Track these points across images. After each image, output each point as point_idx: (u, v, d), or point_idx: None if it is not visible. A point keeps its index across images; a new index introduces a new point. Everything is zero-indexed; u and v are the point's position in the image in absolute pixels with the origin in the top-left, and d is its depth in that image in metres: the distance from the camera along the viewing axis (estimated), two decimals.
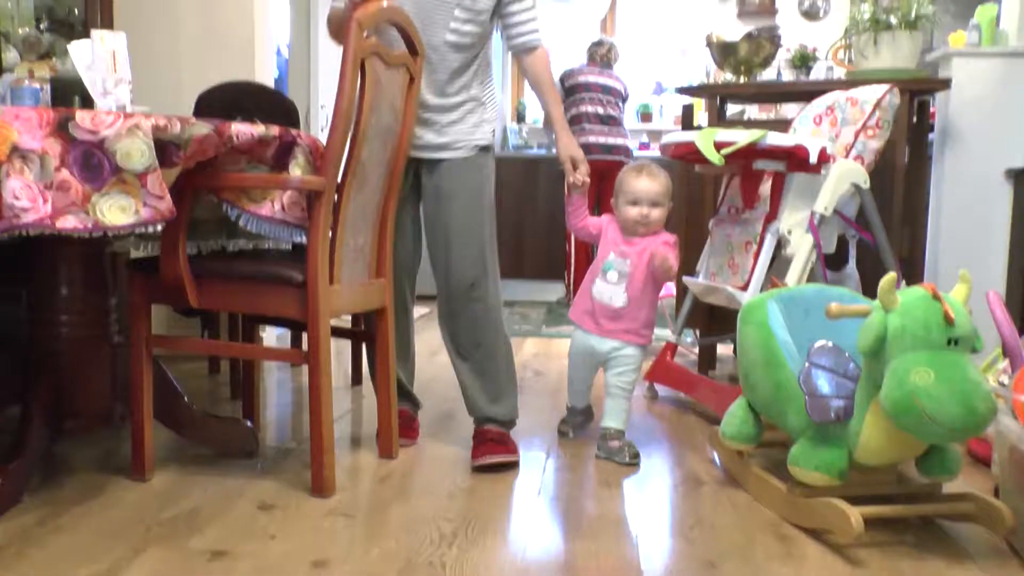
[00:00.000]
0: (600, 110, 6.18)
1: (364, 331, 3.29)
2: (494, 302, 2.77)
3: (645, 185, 2.78)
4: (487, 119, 2.82)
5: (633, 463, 2.72)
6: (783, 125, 3.60)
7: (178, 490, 2.39)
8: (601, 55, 6.41)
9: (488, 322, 2.76)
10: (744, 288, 3.07)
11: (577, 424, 3.05)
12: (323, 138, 2.44)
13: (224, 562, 1.93)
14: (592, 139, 6.03)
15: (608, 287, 2.81)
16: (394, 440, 2.72)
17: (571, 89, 6.16)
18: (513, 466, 2.65)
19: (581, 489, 2.52)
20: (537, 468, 2.67)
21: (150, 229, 2.05)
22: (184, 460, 2.63)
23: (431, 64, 2.68)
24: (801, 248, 3.02)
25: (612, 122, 6.20)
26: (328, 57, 5.83)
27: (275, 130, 2.34)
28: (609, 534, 2.18)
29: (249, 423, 2.76)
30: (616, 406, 2.83)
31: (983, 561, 2.03)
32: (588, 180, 2.80)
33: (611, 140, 6.13)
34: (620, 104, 6.31)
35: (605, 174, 5.84)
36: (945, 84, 3.81)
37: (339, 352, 4.15)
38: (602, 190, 5.76)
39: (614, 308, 2.80)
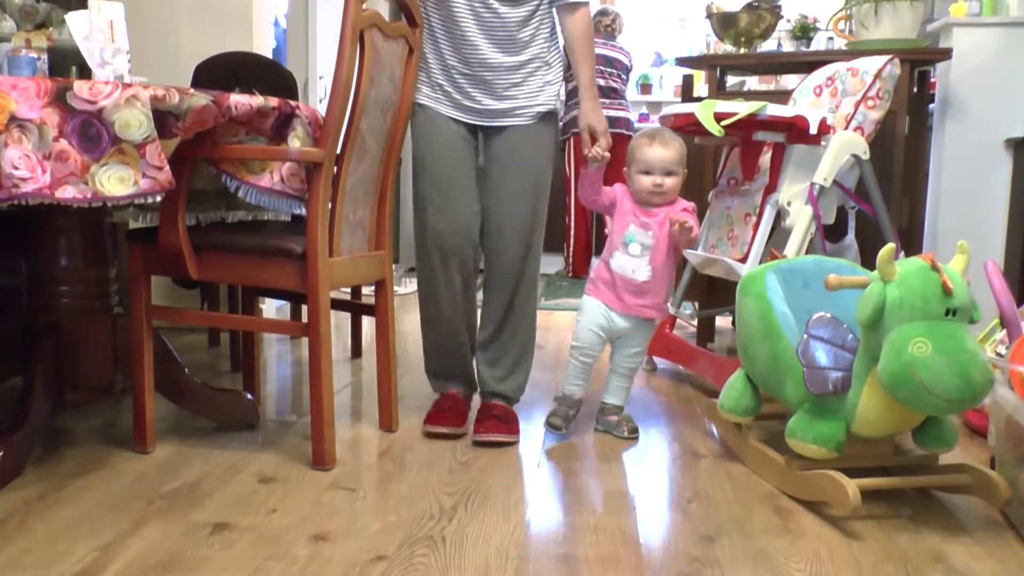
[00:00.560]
0: (601, 82, 6.14)
1: (363, 303, 3.28)
2: (531, 280, 2.74)
3: (658, 153, 2.65)
4: (551, 81, 2.69)
5: (631, 438, 2.72)
6: (783, 96, 3.58)
7: (179, 463, 2.40)
8: (605, 25, 6.36)
9: (521, 302, 2.73)
10: (743, 260, 3.07)
11: (571, 417, 2.78)
12: (322, 110, 2.43)
13: (225, 535, 1.94)
14: None
15: (631, 260, 2.68)
16: (394, 413, 2.73)
17: None
18: (513, 443, 2.65)
19: (580, 463, 2.53)
20: (537, 442, 2.68)
21: (149, 200, 2.05)
22: (185, 432, 2.64)
23: (487, 24, 2.57)
24: (800, 219, 3.01)
25: (613, 94, 6.17)
26: (326, 28, 5.80)
27: (274, 101, 2.33)
28: (608, 508, 2.19)
29: (249, 395, 2.77)
30: (620, 384, 2.80)
31: (979, 533, 2.04)
32: (608, 155, 2.65)
33: (612, 113, 6.09)
34: (623, 76, 6.27)
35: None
36: (946, 54, 3.80)
37: (339, 324, 4.16)
38: None
39: (638, 283, 2.67)
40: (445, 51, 2.62)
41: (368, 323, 3.85)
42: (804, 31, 4.78)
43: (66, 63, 3.56)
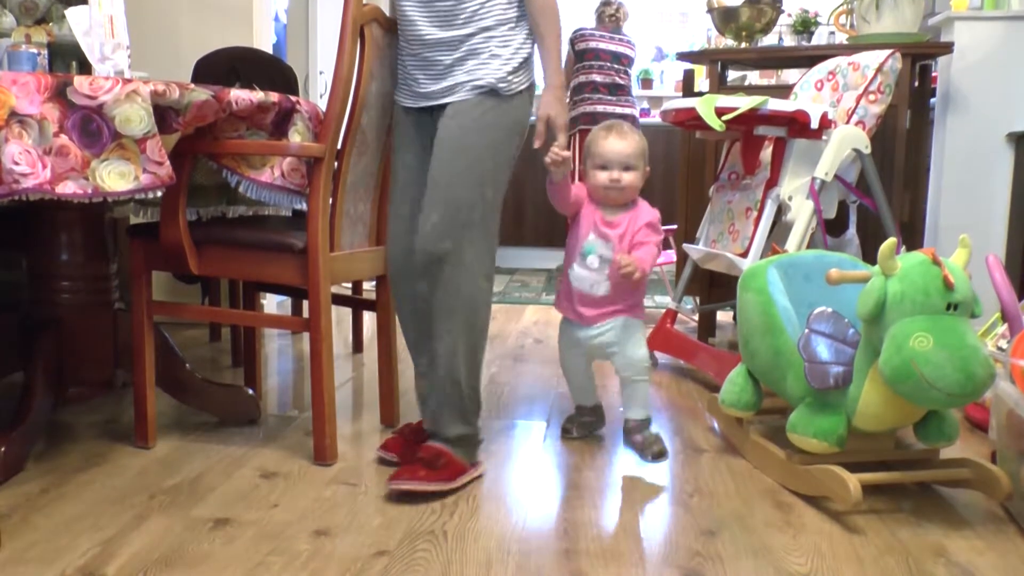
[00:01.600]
0: (608, 79, 6.11)
1: (364, 298, 3.28)
2: (468, 288, 2.21)
3: (615, 146, 2.43)
4: (500, 55, 2.26)
5: (656, 462, 2.46)
6: (784, 91, 3.58)
7: (180, 458, 2.40)
8: (609, 15, 6.31)
9: (453, 312, 2.21)
10: (744, 254, 3.07)
11: (586, 424, 2.68)
12: (322, 105, 2.43)
13: (226, 530, 1.95)
14: (601, 108, 5.95)
15: (588, 274, 2.45)
16: (395, 408, 2.73)
17: (581, 54, 6.03)
18: (433, 492, 2.18)
19: (581, 457, 2.53)
20: (537, 437, 2.68)
21: (150, 195, 2.05)
22: (186, 428, 2.64)
23: None
24: (801, 214, 3.01)
25: (620, 91, 6.13)
26: (326, 23, 5.79)
27: (274, 96, 2.33)
28: (609, 502, 2.19)
29: (251, 391, 2.76)
30: (632, 393, 2.53)
31: (980, 527, 2.04)
32: (568, 154, 2.32)
33: (619, 110, 6.06)
34: (628, 72, 6.23)
35: None
36: (947, 48, 3.79)
37: (340, 320, 4.16)
38: None
39: (595, 297, 2.45)
40: (398, 33, 2.38)
41: (369, 318, 3.85)
42: (805, 25, 4.77)
43: (66, 58, 3.56)
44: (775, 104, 2.93)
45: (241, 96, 2.23)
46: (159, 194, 2.08)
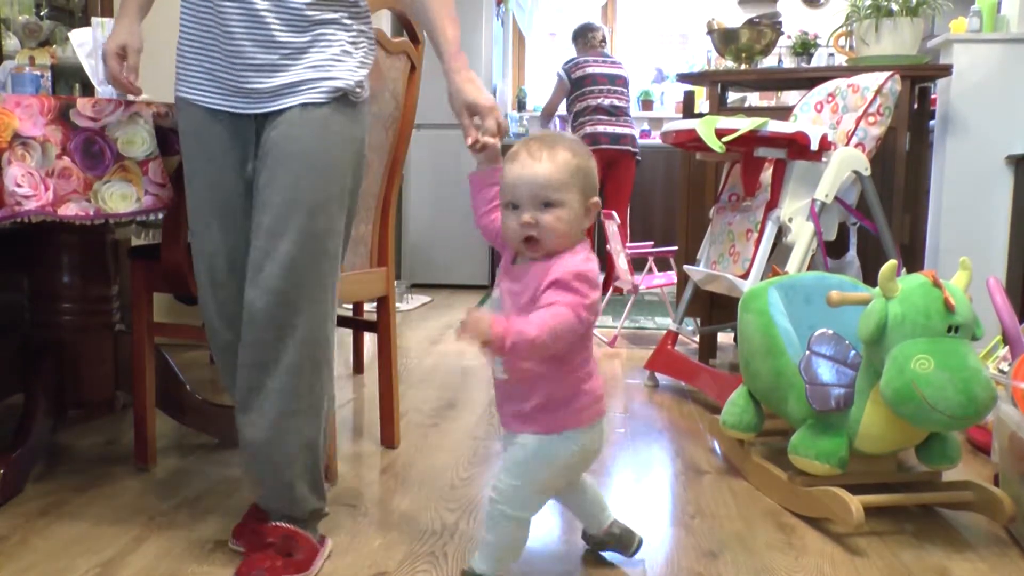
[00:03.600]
0: (608, 101, 6.16)
1: (365, 320, 3.28)
2: (324, 333, 1.82)
3: (527, 170, 1.59)
4: (356, 56, 1.85)
5: None
6: (784, 112, 3.59)
7: (180, 479, 2.39)
8: (599, 40, 6.38)
9: (313, 364, 1.81)
10: (745, 276, 3.07)
11: (614, 536, 1.94)
12: None
13: (226, 552, 1.94)
14: (601, 128, 5.98)
15: None
16: (396, 429, 2.73)
17: (579, 81, 6.09)
18: None
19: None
20: None
21: (151, 217, 2.06)
22: (186, 449, 2.64)
23: None
24: (802, 236, 3.02)
25: (619, 112, 6.18)
26: None
27: None
28: None
29: None
30: (485, 534, 1.76)
31: (983, 550, 2.04)
32: (496, 141, 1.73)
33: (619, 130, 6.10)
34: (625, 92, 6.28)
35: (612, 163, 5.85)
36: (946, 70, 3.81)
37: (340, 341, 4.15)
38: (606, 178, 5.76)
39: (500, 382, 1.70)
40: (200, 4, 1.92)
41: (370, 339, 3.85)
42: (805, 47, 4.80)
43: (69, 80, 3.58)
44: (775, 126, 2.94)
45: None
46: (160, 216, 2.09)
